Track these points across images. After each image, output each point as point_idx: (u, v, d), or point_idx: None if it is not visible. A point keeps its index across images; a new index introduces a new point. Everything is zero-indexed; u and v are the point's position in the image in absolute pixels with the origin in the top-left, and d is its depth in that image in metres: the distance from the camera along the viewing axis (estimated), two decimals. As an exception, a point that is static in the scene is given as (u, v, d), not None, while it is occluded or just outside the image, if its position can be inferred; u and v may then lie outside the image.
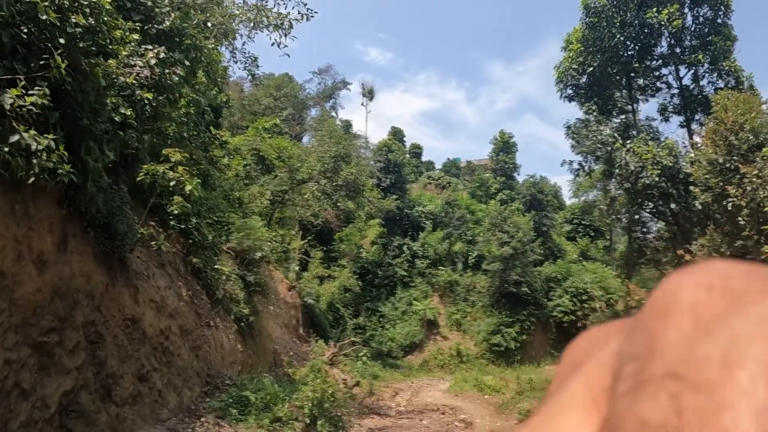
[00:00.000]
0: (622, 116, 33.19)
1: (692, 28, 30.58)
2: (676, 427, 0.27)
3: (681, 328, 0.29)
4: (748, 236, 19.12)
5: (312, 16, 20.92)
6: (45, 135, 8.19)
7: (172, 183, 13.65)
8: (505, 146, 60.46)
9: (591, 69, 31.64)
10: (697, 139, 27.02)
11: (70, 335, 9.79)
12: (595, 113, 31.90)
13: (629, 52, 31.52)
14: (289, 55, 23.22)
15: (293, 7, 21.06)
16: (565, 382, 0.36)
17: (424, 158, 79.49)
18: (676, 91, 32.44)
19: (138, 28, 11.54)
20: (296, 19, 20.23)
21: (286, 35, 20.26)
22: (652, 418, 0.28)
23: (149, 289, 13.70)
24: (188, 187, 13.95)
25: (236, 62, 23.09)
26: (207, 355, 16.16)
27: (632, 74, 32.31)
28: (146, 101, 11.01)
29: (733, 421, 0.26)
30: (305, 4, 20.95)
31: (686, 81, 32.04)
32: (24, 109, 7.98)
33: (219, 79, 20.87)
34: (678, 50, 31.13)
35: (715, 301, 0.30)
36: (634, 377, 0.30)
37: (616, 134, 29.29)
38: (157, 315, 13.71)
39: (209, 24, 16.44)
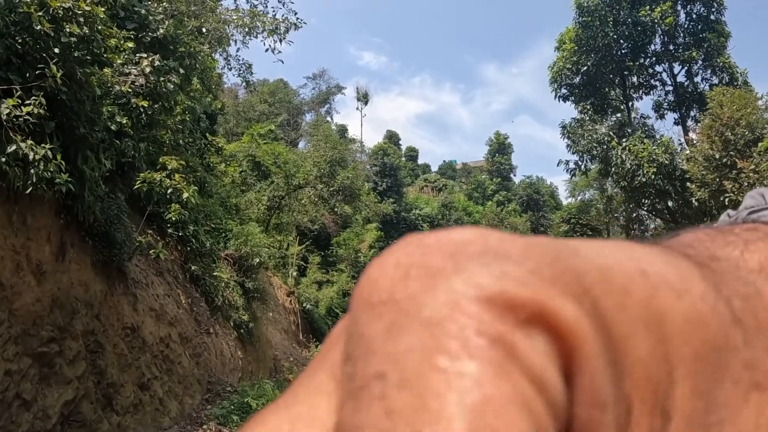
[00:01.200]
0: (617, 115, 33.22)
1: (685, 26, 30.62)
2: (388, 431, 0.25)
3: (383, 319, 0.27)
4: (746, 232, 19.10)
5: (301, 26, 20.96)
6: (42, 145, 8.18)
7: (169, 191, 13.64)
8: (500, 147, 60.65)
9: (585, 68, 31.65)
10: (692, 135, 27.07)
11: (70, 345, 9.77)
12: (590, 112, 31.93)
13: (623, 51, 31.55)
14: (283, 61, 23.19)
15: (283, 15, 21.09)
16: (314, 367, 0.34)
17: (420, 161, 79.69)
18: (670, 88, 32.49)
19: (132, 36, 11.54)
20: (293, 23, 20.26)
21: (281, 40, 20.27)
22: (367, 426, 0.25)
23: (148, 298, 13.68)
24: (185, 195, 13.95)
25: (230, 69, 23.11)
26: (207, 362, 16.13)
27: (626, 72, 32.33)
28: (142, 109, 10.99)
29: (441, 409, 0.24)
30: (295, 13, 20.99)
31: (680, 78, 32.13)
32: (20, 119, 7.98)
33: (214, 86, 20.88)
34: (672, 47, 31.17)
35: (412, 283, 0.28)
36: (349, 382, 0.28)
37: (611, 133, 29.30)
38: (157, 323, 13.68)
39: (203, 30, 16.45)
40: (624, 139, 28.32)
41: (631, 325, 0.29)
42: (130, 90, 10.79)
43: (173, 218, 15.88)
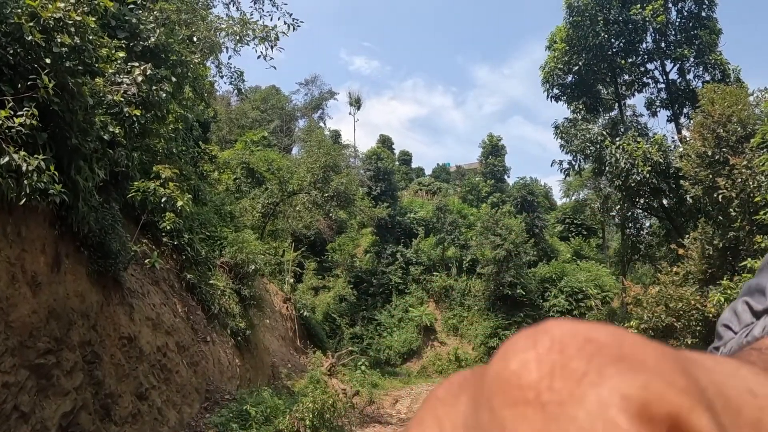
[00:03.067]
0: (610, 113, 33.32)
1: (677, 23, 30.72)
2: None
3: (531, 423, 0.29)
4: (740, 227, 19.21)
5: (298, 26, 20.92)
6: (34, 155, 8.16)
7: (163, 199, 13.64)
8: (494, 149, 60.73)
9: (576, 68, 31.73)
10: (685, 133, 27.13)
11: (67, 356, 9.73)
12: (582, 112, 32.02)
13: (614, 49, 31.63)
14: (275, 68, 23.25)
15: (279, 18, 21.11)
16: (422, 427, 0.35)
17: (413, 165, 79.66)
18: (662, 85, 32.59)
19: (124, 45, 11.51)
20: (282, 32, 20.24)
21: (272, 47, 20.25)
22: None
23: (144, 307, 13.64)
24: (179, 203, 13.94)
25: (222, 77, 23.07)
26: (205, 371, 16.09)
27: (618, 71, 32.42)
28: (134, 118, 10.97)
29: None
30: (290, 14, 20.97)
31: (672, 75, 32.21)
32: (13, 130, 7.95)
33: (206, 94, 20.86)
34: (663, 45, 31.27)
35: (558, 387, 0.29)
36: None
37: (604, 132, 29.38)
38: (154, 332, 13.64)
39: (195, 39, 16.44)
40: (617, 138, 28.40)
41: None
42: (122, 99, 10.77)
43: (168, 227, 15.86)
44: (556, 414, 0.28)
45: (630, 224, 33.11)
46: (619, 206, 32.59)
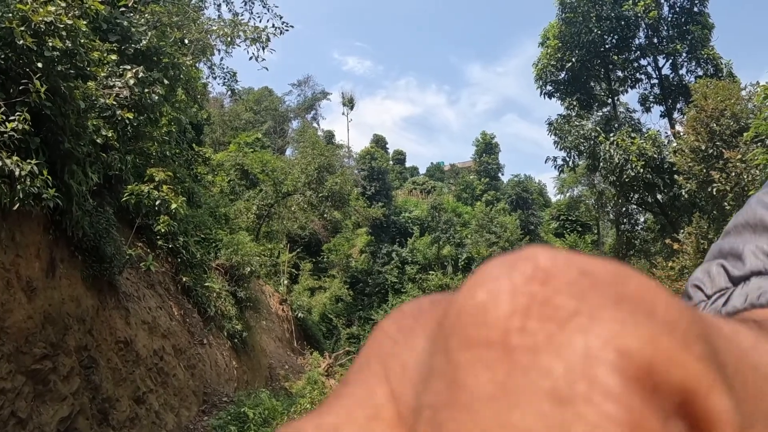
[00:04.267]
0: (604, 109, 33.35)
1: (669, 18, 30.78)
2: None
3: (493, 372, 0.22)
4: (735, 221, 19.24)
5: (287, 30, 20.92)
6: (27, 160, 8.12)
7: (158, 202, 13.58)
8: (487, 147, 60.78)
9: (569, 64, 31.75)
10: (678, 128, 27.17)
11: (63, 361, 9.70)
12: (576, 108, 32.03)
13: (607, 45, 31.67)
14: (267, 69, 23.09)
15: (269, 20, 21.06)
16: (364, 373, 0.28)
17: (407, 164, 79.73)
18: (655, 81, 32.66)
19: (115, 48, 11.47)
20: (272, 33, 20.21)
21: (263, 49, 20.22)
22: None
23: (140, 311, 13.61)
24: (173, 206, 13.89)
25: (215, 78, 23.03)
26: (202, 374, 16.06)
27: (611, 67, 32.47)
28: (127, 121, 10.93)
29: None
30: (281, 18, 20.96)
31: (665, 71, 32.27)
32: (5, 135, 7.92)
33: (199, 96, 20.81)
34: (656, 41, 31.33)
35: (533, 328, 0.22)
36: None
37: (598, 128, 29.41)
38: (150, 336, 13.61)
39: (186, 41, 16.39)
40: (611, 134, 28.43)
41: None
42: (114, 102, 10.72)
43: (162, 230, 15.82)
44: (524, 364, 0.21)
45: (624, 220, 33.15)
46: (613, 202, 32.62)
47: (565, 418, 0.20)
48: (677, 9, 30.52)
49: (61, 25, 8.86)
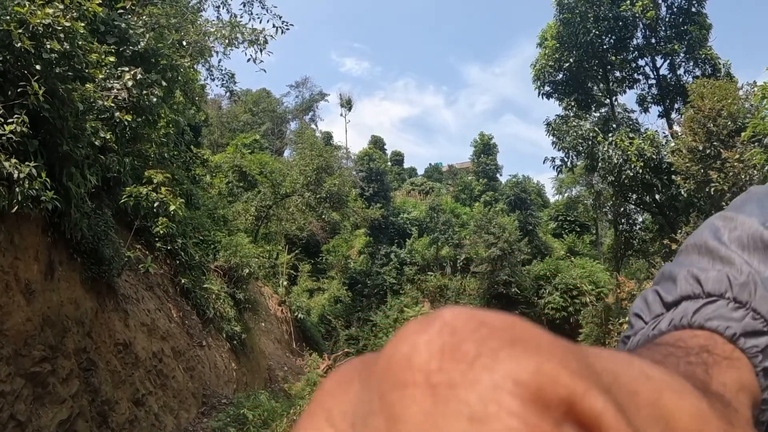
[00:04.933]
0: (602, 110, 33.34)
1: (667, 19, 30.75)
2: None
3: (420, 405, 0.27)
4: (732, 220, 19.26)
5: (287, 29, 20.91)
6: (26, 163, 8.12)
7: (156, 204, 13.59)
8: (485, 148, 60.78)
9: (567, 65, 31.73)
10: (676, 128, 27.18)
11: (62, 364, 9.69)
12: (574, 108, 32.00)
13: (605, 46, 31.63)
14: (265, 71, 23.14)
15: (268, 21, 21.06)
16: (313, 420, 0.33)
17: (405, 165, 79.72)
18: (653, 81, 32.63)
19: (113, 50, 11.46)
20: (270, 35, 20.20)
21: (261, 50, 20.20)
22: None
23: (139, 313, 13.60)
24: (172, 208, 13.90)
25: (213, 80, 23.05)
26: (201, 376, 16.05)
27: (609, 67, 32.44)
28: (125, 123, 10.92)
29: None
30: (280, 17, 20.95)
31: (663, 71, 32.22)
32: (3, 137, 7.92)
33: (197, 98, 20.80)
34: (654, 41, 31.30)
35: (448, 368, 0.28)
36: None
37: (596, 128, 29.40)
38: (149, 338, 13.61)
39: (184, 43, 16.38)
40: (610, 134, 28.42)
41: (645, 422, 0.32)
42: (113, 104, 10.72)
43: (161, 232, 15.83)
44: (445, 396, 0.27)
45: (623, 220, 33.13)
46: (611, 202, 32.59)
47: (481, 429, 0.26)
48: (675, 9, 30.51)
49: (59, 28, 8.86)
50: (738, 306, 0.60)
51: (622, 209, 32.23)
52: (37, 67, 8.53)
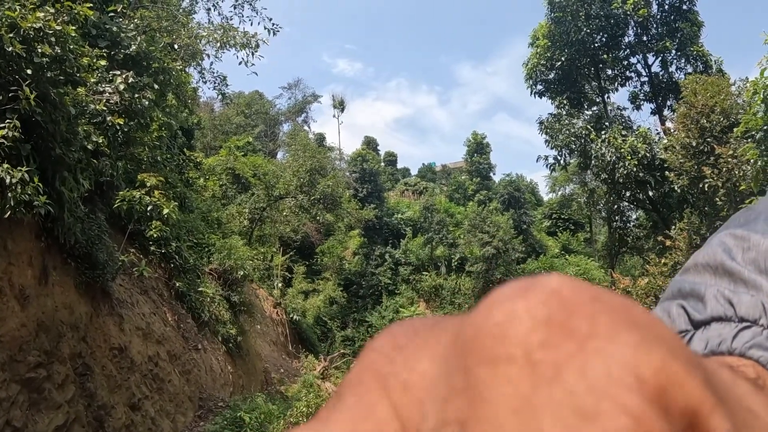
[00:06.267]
0: (594, 108, 33.42)
1: (658, 16, 30.87)
2: None
3: (515, 387, 0.23)
4: (727, 216, 19.29)
5: (278, 31, 20.89)
6: (18, 168, 8.08)
7: (149, 208, 13.55)
8: (479, 147, 60.79)
9: (559, 63, 31.82)
10: (669, 124, 27.26)
11: (58, 369, 9.64)
12: (566, 107, 32.08)
13: (596, 44, 31.74)
14: (257, 74, 23.09)
15: (259, 23, 21.05)
16: (361, 389, 0.28)
17: (399, 165, 79.71)
18: (645, 79, 32.77)
19: (105, 54, 11.42)
20: (262, 40, 20.17)
21: (253, 54, 20.17)
22: None
23: (134, 317, 13.55)
24: (165, 211, 13.86)
25: (205, 82, 22.96)
26: (198, 379, 16.00)
27: (601, 65, 32.54)
28: (118, 127, 10.88)
29: None
30: (270, 19, 20.93)
31: (655, 68, 32.36)
32: (-5, 143, 7.88)
33: (189, 101, 20.77)
34: (645, 38, 31.41)
35: (555, 344, 0.24)
36: None
37: (588, 126, 29.47)
38: (144, 342, 13.56)
39: (176, 46, 16.34)
40: (602, 132, 28.49)
41: None
42: (105, 108, 10.67)
43: (155, 235, 15.79)
44: (549, 378, 0.23)
45: (617, 217, 33.21)
46: (605, 200, 32.67)
47: (590, 431, 0.21)
48: (666, 7, 30.61)
49: (50, 31, 8.82)
50: None
51: (615, 206, 32.30)
52: (29, 71, 8.49)
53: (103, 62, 11.07)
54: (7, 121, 8.12)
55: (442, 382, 0.25)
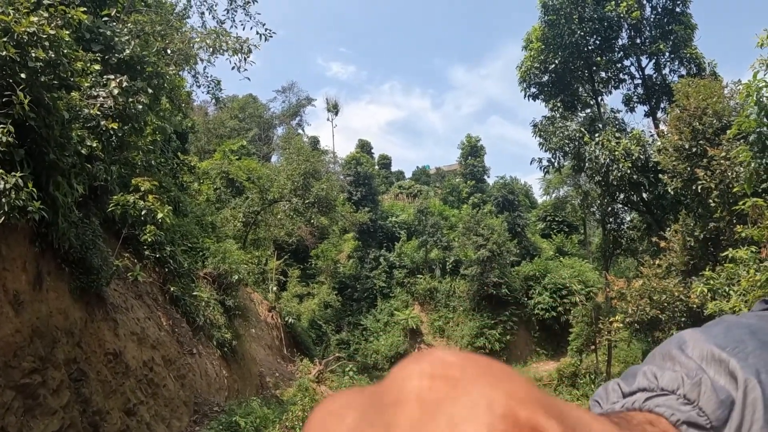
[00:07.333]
0: (587, 110, 33.47)
1: (651, 19, 30.93)
2: None
3: (410, 415, 0.35)
4: (720, 218, 19.40)
5: (270, 37, 20.88)
6: (12, 173, 8.06)
7: (144, 212, 13.51)
8: (473, 150, 60.91)
9: (553, 66, 31.85)
10: (662, 127, 27.32)
11: (52, 375, 9.61)
12: (560, 109, 32.13)
13: (590, 47, 31.80)
14: (249, 79, 22.94)
15: (251, 27, 21.02)
16: None
17: (393, 168, 79.60)
18: (639, 81, 32.81)
19: (98, 58, 11.40)
20: (255, 45, 20.15)
21: (245, 59, 20.15)
22: None
23: (129, 322, 13.52)
24: (160, 215, 13.83)
25: (199, 86, 22.93)
26: (193, 384, 15.97)
27: (594, 68, 32.60)
28: (112, 131, 10.86)
29: None
30: (263, 24, 20.92)
31: (649, 71, 32.39)
32: (-11, 148, 7.85)
33: (183, 105, 20.73)
34: (638, 41, 31.47)
35: (437, 388, 0.36)
36: None
37: (582, 128, 29.51)
38: (139, 347, 13.52)
39: (169, 51, 16.31)
40: (596, 134, 28.53)
41: None
42: (99, 113, 10.65)
43: (149, 240, 15.76)
44: (432, 408, 0.35)
45: (611, 219, 33.26)
46: (599, 202, 32.71)
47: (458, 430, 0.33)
48: (659, 9, 30.68)
49: (44, 36, 8.81)
50: (686, 402, 0.65)
51: (609, 209, 32.36)
52: (22, 75, 8.47)
53: (96, 66, 11.04)
54: (1, 126, 8.10)
55: (364, 424, 0.37)
